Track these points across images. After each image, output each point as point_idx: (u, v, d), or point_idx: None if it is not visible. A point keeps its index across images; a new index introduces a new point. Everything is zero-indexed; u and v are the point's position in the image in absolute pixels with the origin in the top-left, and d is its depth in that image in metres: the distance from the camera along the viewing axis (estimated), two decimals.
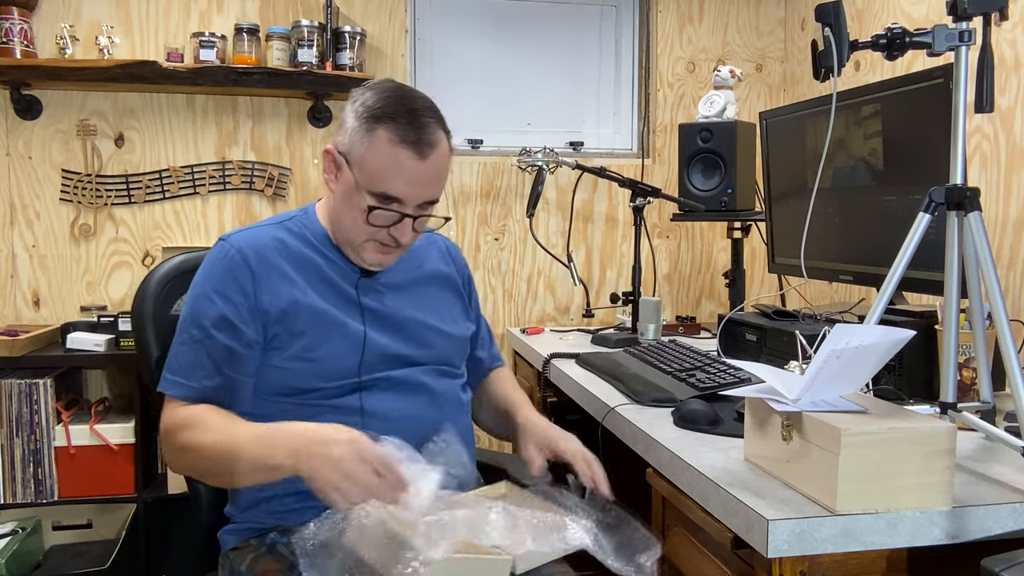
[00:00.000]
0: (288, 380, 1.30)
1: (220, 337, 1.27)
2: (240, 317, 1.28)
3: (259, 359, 1.30)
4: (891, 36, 1.26)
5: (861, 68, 2.50)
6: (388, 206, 1.27)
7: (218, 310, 1.28)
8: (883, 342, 1.09)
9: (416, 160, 1.26)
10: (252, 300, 1.29)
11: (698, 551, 1.27)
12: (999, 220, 1.97)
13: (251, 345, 1.28)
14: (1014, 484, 1.11)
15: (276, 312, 1.29)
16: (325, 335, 1.30)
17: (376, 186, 1.26)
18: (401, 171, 1.25)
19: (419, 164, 1.26)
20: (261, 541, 1.29)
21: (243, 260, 1.30)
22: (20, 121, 2.54)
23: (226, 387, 1.27)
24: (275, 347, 1.30)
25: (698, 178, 2.45)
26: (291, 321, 1.29)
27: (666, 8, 2.93)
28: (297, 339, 1.29)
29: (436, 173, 1.29)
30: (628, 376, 1.74)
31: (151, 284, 1.50)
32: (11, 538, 2.26)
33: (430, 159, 1.27)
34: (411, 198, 1.28)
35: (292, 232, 1.37)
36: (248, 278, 1.29)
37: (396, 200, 1.27)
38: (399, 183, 1.26)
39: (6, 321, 2.56)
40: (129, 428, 2.36)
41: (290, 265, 1.33)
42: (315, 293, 1.32)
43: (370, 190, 1.27)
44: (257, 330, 1.29)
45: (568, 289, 2.89)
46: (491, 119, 2.92)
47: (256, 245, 1.33)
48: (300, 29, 2.54)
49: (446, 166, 1.32)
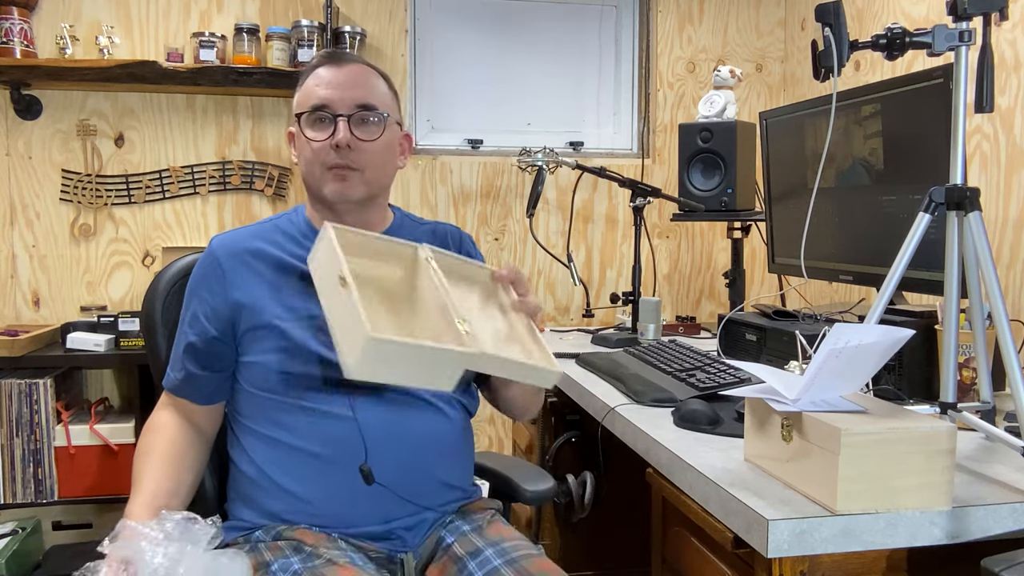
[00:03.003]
0: (267, 376, 1.31)
1: (188, 332, 1.35)
2: (206, 314, 1.33)
3: (228, 356, 1.34)
4: (891, 36, 1.26)
5: (861, 68, 2.50)
6: (317, 114, 1.32)
7: (192, 308, 1.36)
8: (883, 341, 1.09)
9: (331, 67, 1.34)
10: (220, 297, 1.33)
11: (698, 551, 1.27)
12: (999, 220, 1.97)
13: (213, 341, 1.33)
14: (1014, 484, 1.11)
15: (246, 307, 1.31)
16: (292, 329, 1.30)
17: (305, 105, 1.34)
18: (320, 81, 1.34)
19: (335, 69, 1.34)
20: (247, 539, 1.30)
21: (215, 258, 1.36)
22: (20, 121, 2.54)
23: (187, 381, 1.35)
24: (250, 341, 1.32)
25: (698, 178, 2.45)
26: (258, 316, 1.31)
27: (666, 8, 2.93)
28: (268, 333, 1.30)
29: (355, 77, 1.34)
30: (628, 376, 1.74)
31: (159, 287, 1.50)
32: (11, 538, 2.26)
33: (346, 67, 1.35)
34: (334, 99, 1.32)
35: (279, 228, 1.40)
36: (219, 275, 1.34)
37: (323, 107, 1.32)
38: (319, 90, 1.33)
39: (6, 321, 2.56)
40: (129, 428, 2.36)
41: (265, 262, 1.35)
42: (290, 290, 1.32)
43: (302, 112, 1.34)
44: (223, 327, 1.32)
45: (568, 289, 2.89)
46: (491, 119, 2.92)
47: (231, 244, 1.37)
48: (300, 29, 2.54)
49: (372, 80, 1.36)
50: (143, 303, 1.50)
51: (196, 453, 1.36)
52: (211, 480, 1.45)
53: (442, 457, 1.34)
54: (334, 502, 1.27)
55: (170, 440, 1.34)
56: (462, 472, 1.41)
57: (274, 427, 1.30)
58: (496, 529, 1.34)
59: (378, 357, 0.99)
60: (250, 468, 1.32)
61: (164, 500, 1.26)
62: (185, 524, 1.13)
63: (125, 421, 2.39)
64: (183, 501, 1.32)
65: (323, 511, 1.27)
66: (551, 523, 2.14)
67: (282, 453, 1.29)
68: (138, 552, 1.08)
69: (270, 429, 1.30)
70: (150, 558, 1.07)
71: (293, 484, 1.28)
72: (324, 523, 1.27)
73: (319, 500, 1.27)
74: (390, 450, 1.27)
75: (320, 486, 1.27)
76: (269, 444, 1.30)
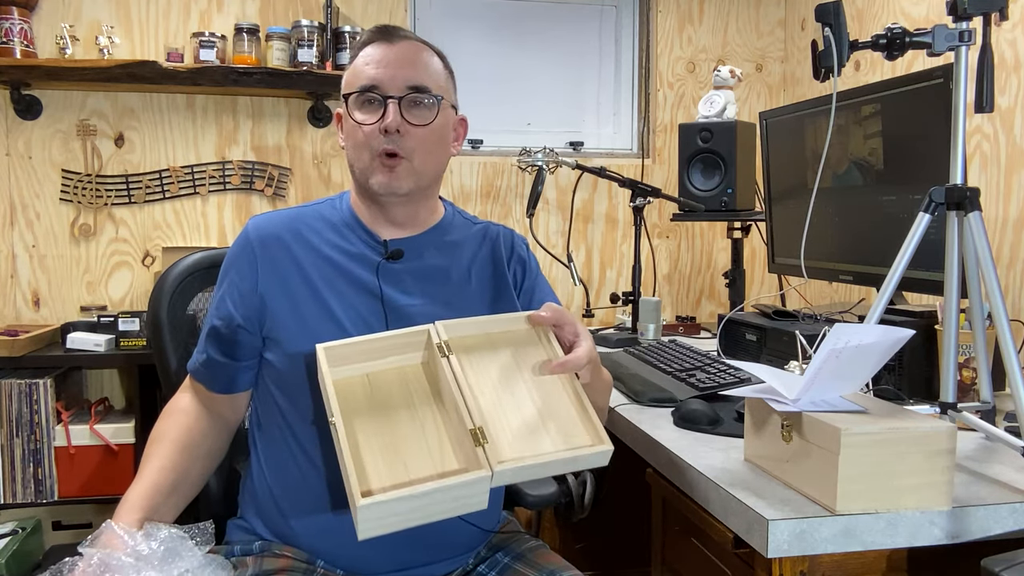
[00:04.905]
0: (283, 378, 1.23)
1: (213, 315, 1.27)
2: (233, 298, 1.25)
3: (252, 345, 1.25)
4: (891, 36, 1.26)
5: (861, 68, 2.49)
6: (367, 95, 1.23)
7: (221, 290, 1.27)
8: (883, 341, 1.08)
9: (382, 44, 1.24)
10: (250, 282, 1.24)
11: (698, 551, 1.27)
12: (999, 220, 1.97)
13: (238, 329, 1.24)
14: (1014, 484, 1.11)
15: (270, 308, 1.23)
16: (317, 329, 1.22)
17: (354, 84, 1.24)
18: (371, 59, 1.23)
19: (386, 47, 1.24)
20: (245, 550, 1.25)
21: (248, 241, 1.27)
22: (20, 121, 2.54)
23: (207, 366, 1.27)
24: (272, 343, 1.24)
25: (698, 178, 2.45)
26: (281, 321, 1.23)
27: (666, 8, 2.93)
28: (287, 329, 1.23)
29: (408, 54, 1.24)
30: (628, 376, 1.74)
31: (165, 285, 1.48)
32: (11, 538, 2.26)
33: (398, 44, 1.24)
34: (384, 79, 1.21)
35: (320, 215, 1.30)
36: (251, 259, 1.26)
37: (373, 87, 1.22)
38: (369, 68, 1.23)
39: (6, 321, 2.56)
40: (129, 428, 2.36)
41: (303, 248, 1.26)
42: (322, 283, 1.24)
43: (350, 92, 1.24)
44: (249, 314, 1.24)
45: (568, 289, 2.89)
46: (491, 119, 2.92)
47: (267, 227, 1.28)
48: (300, 29, 2.54)
49: (425, 57, 1.26)
50: (149, 302, 1.48)
51: (211, 442, 1.29)
52: (216, 479, 1.39)
53: None
54: (339, 540, 1.19)
55: (185, 427, 1.26)
56: (492, 507, 1.28)
57: (287, 436, 1.23)
58: (544, 556, 1.27)
59: (382, 514, 0.94)
60: (259, 479, 1.26)
61: (162, 498, 1.20)
62: (169, 541, 1.09)
63: (125, 421, 2.39)
64: (186, 495, 1.26)
65: (322, 547, 1.20)
66: (551, 523, 2.14)
67: (291, 468, 1.22)
68: (119, 565, 1.05)
69: (282, 437, 1.24)
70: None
71: (294, 512, 1.21)
72: (329, 561, 1.21)
73: (319, 533, 1.20)
74: None
75: (325, 517, 1.20)
76: (280, 453, 1.24)
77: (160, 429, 1.28)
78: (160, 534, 1.10)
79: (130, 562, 1.05)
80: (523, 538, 1.32)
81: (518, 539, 1.32)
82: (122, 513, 1.18)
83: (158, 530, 1.11)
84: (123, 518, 1.16)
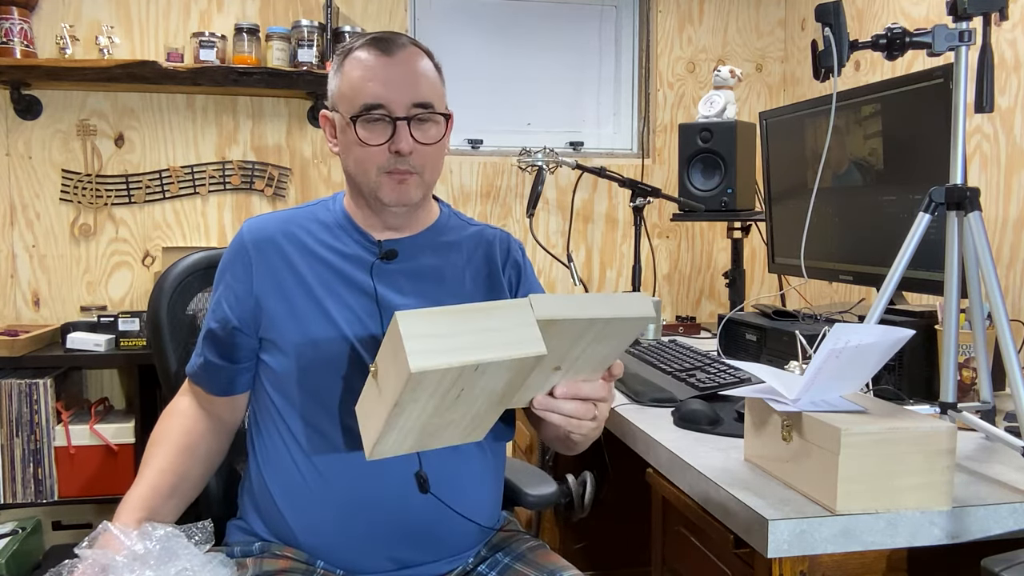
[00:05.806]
0: (279, 381, 1.24)
1: (210, 318, 1.28)
2: (229, 301, 1.26)
3: (248, 347, 1.26)
4: (891, 36, 1.26)
5: (861, 68, 2.49)
6: (372, 113, 1.20)
7: (217, 293, 1.29)
8: (883, 341, 1.09)
9: (384, 57, 1.20)
10: (245, 285, 1.25)
11: (698, 551, 1.27)
12: (999, 220, 1.97)
13: (234, 331, 1.25)
14: (1014, 484, 1.11)
15: (266, 310, 1.24)
16: (311, 329, 1.23)
17: (356, 101, 1.20)
18: (372, 74, 1.20)
19: (388, 60, 1.20)
20: (247, 548, 1.26)
21: (243, 245, 1.28)
22: (20, 121, 2.54)
23: (204, 368, 1.28)
24: (268, 345, 1.25)
25: (698, 178, 2.45)
26: (278, 321, 1.24)
27: (666, 8, 2.93)
28: (283, 330, 1.24)
29: (410, 70, 1.22)
30: (628, 376, 1.73)
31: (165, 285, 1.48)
32: (11, 538, 2.26)
33: (398, 56, 1.21)
34: (392, 99, 1.19)
35: (314, 216, 1.31)
36: (246, 262, 1.27)
37: (378, 106, 1.19)
38: (373, 86, 1.20)
39: (6, 321, 2.56)
40: (129, 428, 2.36)
41: (296, 249, 1.27)
42: (316, 281, 1.25)
43: (353, 111, 1.20)
44: (245, 316, 1.25)
45: (568, 289, 2.89)
46: (491, 119, 2.92)
47: (261, 229, 1.29)
48: (300, 29, 2.54)
49: (425, 68, 1.23)
50: (149, 302, 1.48)
51: (211, 444, 1.30)
52: (216, 480, 1.40)
53: (476, 490, 1.26)
54: (339, 540, 1.20)
55: (185, 430, 1.28)
56: (492, 506, 1.31)
57: (284, 436, 1.23)
58: (545, 556, 1.27)
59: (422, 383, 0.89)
60: (258, 480, 1.26)
61: (162, 500, 1.22)
62: (166, 540, 1.09)
63: (125, 421, 2.39)
64: (186, 497, 1.27)
65: (322, 547, 1.21)
66: (551, 523, 2.14)
67: (289, 468, 1.22)
68: (115, 565, 1.04)
69: (279, 437, 1.24)
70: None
71: (294, 512, 1.21)
72: (329, 561, 1.21)
73: (319, 533, 1.20)
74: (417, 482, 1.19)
75: (324, 517, 1.20)
76: (277, 454, 1.24)
77: (160, 431, 1.29)
78: (157, 533, 1.10)
79: (126, 562, 1.05)
80: (523, 538, 1.33)
81: (518, 539, 1.32)
82: (122, 515, 1.19)
83: (155, 529, 1.11)
84: (122, 520, 1.17)
